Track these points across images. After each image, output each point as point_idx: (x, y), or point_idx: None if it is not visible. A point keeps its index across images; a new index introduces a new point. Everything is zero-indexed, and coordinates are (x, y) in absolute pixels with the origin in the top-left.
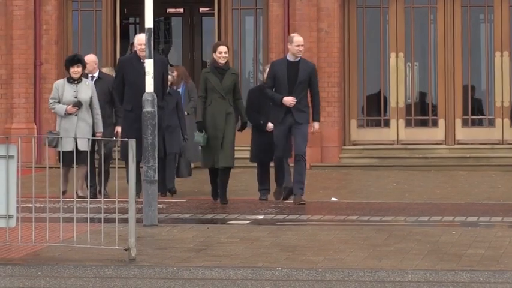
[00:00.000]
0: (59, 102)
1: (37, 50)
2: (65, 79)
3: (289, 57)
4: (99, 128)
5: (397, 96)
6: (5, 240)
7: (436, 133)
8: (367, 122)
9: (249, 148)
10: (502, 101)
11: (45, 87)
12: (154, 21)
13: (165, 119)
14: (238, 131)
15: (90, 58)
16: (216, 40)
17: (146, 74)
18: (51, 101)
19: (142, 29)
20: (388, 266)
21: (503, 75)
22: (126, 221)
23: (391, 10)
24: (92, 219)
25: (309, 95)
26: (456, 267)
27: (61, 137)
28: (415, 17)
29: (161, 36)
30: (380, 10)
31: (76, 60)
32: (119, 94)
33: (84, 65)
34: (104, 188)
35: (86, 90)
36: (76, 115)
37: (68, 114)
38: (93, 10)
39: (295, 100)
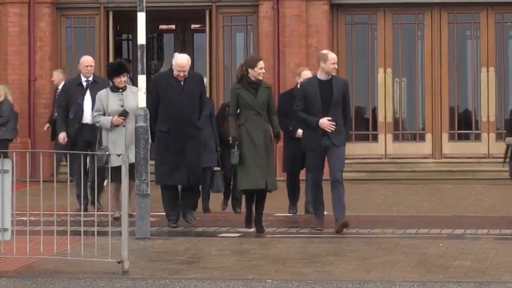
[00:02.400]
0: (104, 114)
1: (31, 66)
2: (108, 88)
3: (321, 76)
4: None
5: (385, 111)
6: (0, 252)
7: (424, 147)
8: (356, 137)
9: None
10: (488, 116)
11: (39, 102)
12: (146, 38)
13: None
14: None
15: (84, 60)
16: (208, 56)
17: (139, 89)
18: (95, 113)
19: (135, 45)
20: (376, 277)
21: (489, 91)
22: (119, 234)
23: (379, 27)
24: (86, 232)
25: None
26: (443, 278)
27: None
28: (403, 33)
29: (154, 52)
30: (368, 27)
31: (121, 69)
32: (154, 112)
33: (129, 73)
34: (98, 201)
35: (133, 98)
36: (124, 126)
37: (114, 125)
38: (87, 27)
39: (333, 123)
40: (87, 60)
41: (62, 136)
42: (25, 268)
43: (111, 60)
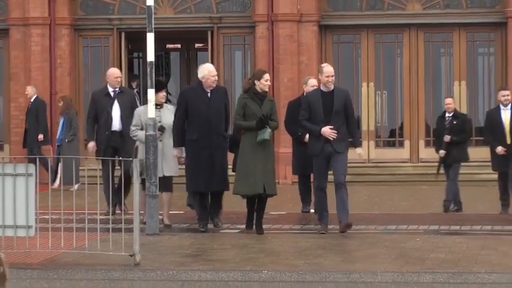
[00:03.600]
0: (141, 129)
1: (52, 81)
2: (146, 105)
3: (323, 88)
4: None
5: (368, 120)
6: (25, 247)
7: (402, 153)
8: None
9: None
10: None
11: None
12: (155, 56)
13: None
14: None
15: (112, 72)
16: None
17: (149, 101)
18: (132, 128)
19: (144, 62)
20: (361, 268)
21: (461, 102)
22: (131, 230)
23: (362, 45)
24: (102, 229)
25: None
26: (420, 269)
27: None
28: (384, 51)
29: (161, 69)
30: (353, 45)
31: (161, 85)
32: (182, 125)
33: (167, 89)
34: (123, 203)
35: (169, 114)
36: (160, 140)
37: None
38: (102, 46)
39: (335, 131)
40: (115, 72)
41: (92, 145)
42: (47, 261)
43: (124, 75)
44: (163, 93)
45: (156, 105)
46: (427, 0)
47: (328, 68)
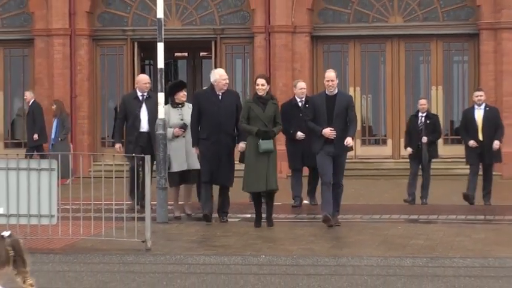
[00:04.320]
0: (170, 126)
1: (72, 86)
2: (169, 104)
3: (327, 91)
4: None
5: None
6: (48, 234)
7: (385, 150)
8: None
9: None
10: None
11: (79, 115)
12: (164, 63)
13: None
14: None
15: (143, 78)
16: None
17: (159, 104)
18: (159, 125)
19: (155, 70)
20: (348, 253)
21: (438, 104)
22: (143, 219)
23: (349, 54)
24: (117, 218)
25: None
26: (401, 254)
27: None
28: (369, 59)
29: (170, 75)
30: (341, 54)
31: (182, 85)
32: (195, 124)
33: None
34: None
35: (190, 112)
36: (184, 137)
37: (175, 136)
38: (117, 54)
39: (334, 132)
40: (144, 78)
41: (118, 146)
42: (68, 246)
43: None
44: (183, 93)
45: (178, 104)
46: (407, 14)
47: (329, 73)
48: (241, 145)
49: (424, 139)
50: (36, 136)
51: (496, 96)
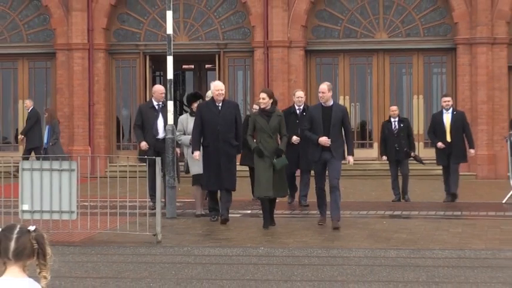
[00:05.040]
0: (184, 133)
1: (90, 95)
2: (188, 114)
3: (323, 103)
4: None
5: None
6: (69, 228)
7: (372, 152)
8: None
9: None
10: (418, 129)
11: (96, 121)
12: (173, 74)
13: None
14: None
15: (158, 88)
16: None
17: (168, 111)
18: (178, 133)
19: (165, 80)
20: (339, 245)
21: (419, 112)
22: (154, 215)
23: (340, 66)
24: (130, 214)
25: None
26: (386, 246)
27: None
28: (357, 71)
29: (178, 85)
30: (332, 66)
31: (198, 96)
32: (198, 133)
33: (203, 99)
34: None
35: None
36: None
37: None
38: (130, 67)
39: (329, 141)
40: (161, 88)
41: (144, 144)
42: (87, 239)
43: (148, 90)
44: (198, 103)
45: (193, 112)
46: (391, 30)
47: (321, 86)
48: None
49: (412, 153)
50: (21, 137)
51: (471, 104)
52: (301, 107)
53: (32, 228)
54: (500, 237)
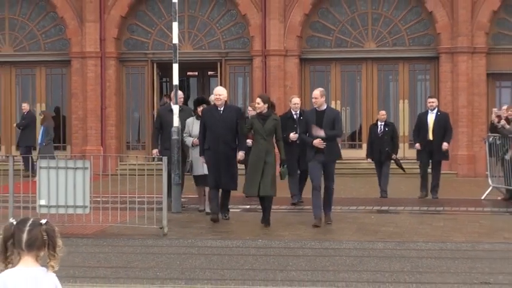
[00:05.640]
0: (189, 135)
1: (103, 99)
2: (194, 117)
3: (317, 107)
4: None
5: None
6: (82, 222)
7: (361, 153)
8: None
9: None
10: (404, 131)
11: (108, 123)
12: (178, 80)
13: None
14: (280, 166)
15: (180, 94)
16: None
17: (174, 115)
18: (184, 135)
19: (171, 86)
20: (330, 238)
21: (405, 115)
22: (160, 209)
23: (331, 73)
24: (139, 208)
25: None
26: (374, 239)
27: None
28: (347, 77)
29: (183, 91)
30: (325, 73)
31: (202, 101)
32: (202, 137)
33: (208, 105)
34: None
35: None
36: None
37: (195, 145)
38: (139, 73)
39: (323, 143)
40: (179, 93)
41: (155, 152)
42: (99, 232)
43: (156, 95)
44: (202, 108)
45: (198, 116)
46: (379, 40)
47: (315, 91)
48: (241, 154)
49: (394, 156)
50: (14, 125)
51: (452, 108)
52: (298, 112)
53: (43, 221)
54: (479, 231)
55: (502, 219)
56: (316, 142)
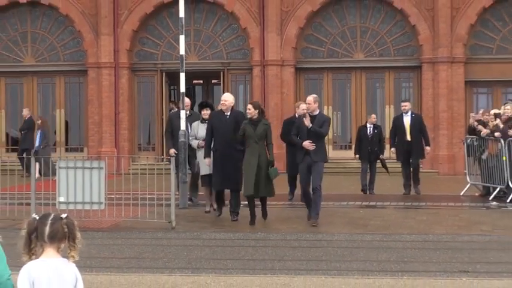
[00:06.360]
0: (195, 138)
1: (116, 105)
2: (199, 121)
3: (310, 113)
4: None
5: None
6: (98, 216)
7: (350, 153)
8: None
9: None
10: (389, 134)
11: (121, 127)
12: (185, 88)
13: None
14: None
15: (186, 101)
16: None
17: (180, 119)
18: (191, 137)
19: (178, 94)
20: (323, 231)
21: (390, 119)
22: (169, 205)
23: (324, 82)
24: (149, 204)
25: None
26: (363, 232)
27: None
28: (338, 85)
29: (189, 97)
30: (318, 81)
31: (205, 105)
32: (209, 140)
33: (212, 108)
34: (195, 196)
35: None
36: None
37: (200, 147)
38: (149, 82)
39: (313, 144)
40: (186, 101)
41: (173, 151)
42: (113, 226)
43: (164, 101)
44: (204, 111)
45: (205, 119)
46: (367, 51)
47: (308, 98)
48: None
49: (381, 156)
50: (18, 133)
51: (434, 112)
52: None
53: (63, 216)
54: (458, 224)
55: (479, 213)
56: (306, 143)
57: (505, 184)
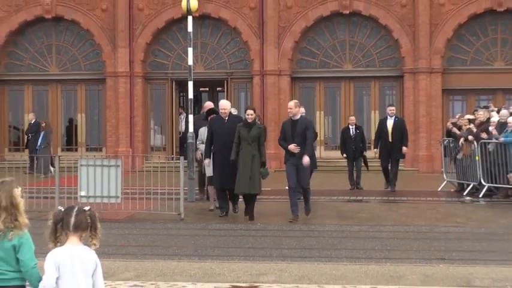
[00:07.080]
0: (202, 143)
1: (131, 110)
2: (206, 127)
3: (292, 117)
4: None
5: (320, 134)
6: (115, 209)
7: (339, 153)
8: None
9: None
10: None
11: (135, 129)
12: (193, 95)
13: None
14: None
15: (208, 105)
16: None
17: (189, 123)
18: (198, 142)
19: (187, 99)
20: (315, 222)
21: (375, 123)
22: (178, 199)
23: (316, 90)
24: (161, 198)
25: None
26: (351, 223)
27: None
28: (329, 93)
29: (196, 103)
30: (311, 89)
31: (212, 111)
32: (209, 142)
33: (217, 114)
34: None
35: None
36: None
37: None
38: (161, 89)
39: (298, 147)
40: (208, 105)
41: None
42: (128, 217)
43: (174, 108)
44: (210, 116)
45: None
46: (355, 62)
47: (290, 103)
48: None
49: (365, 152)
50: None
51: (414, 117)
52: None
53: (86, 208)
54: (436, 216)
55: (455, 207)
56: (291, 147)
57: (478, 181)
